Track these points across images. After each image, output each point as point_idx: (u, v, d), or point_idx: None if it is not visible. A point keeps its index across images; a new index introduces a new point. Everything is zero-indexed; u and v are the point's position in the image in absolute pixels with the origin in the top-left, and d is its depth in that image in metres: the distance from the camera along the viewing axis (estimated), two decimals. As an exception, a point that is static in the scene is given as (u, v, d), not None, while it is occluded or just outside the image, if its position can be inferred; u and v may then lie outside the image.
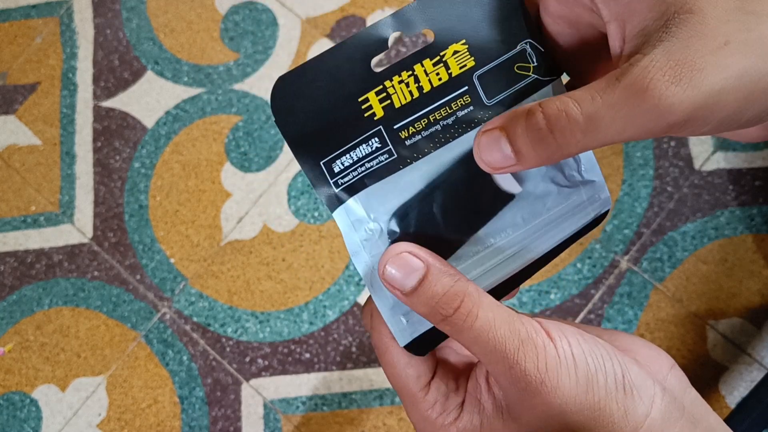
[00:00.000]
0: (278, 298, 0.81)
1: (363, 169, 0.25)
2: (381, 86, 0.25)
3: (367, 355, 0.79)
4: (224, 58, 0.89)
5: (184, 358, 0.81)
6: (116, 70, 0.90)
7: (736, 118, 0.21)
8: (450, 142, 0.25)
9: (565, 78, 0.27)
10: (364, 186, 0.25)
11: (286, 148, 0.85)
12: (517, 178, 0.26)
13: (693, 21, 0.20)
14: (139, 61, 0.90)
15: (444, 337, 0.25)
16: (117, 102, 0.89)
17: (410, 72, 0.25)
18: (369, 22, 0.88)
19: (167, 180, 0.86)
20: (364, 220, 0.25)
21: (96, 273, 0.84)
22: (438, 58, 0.25)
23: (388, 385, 0.78)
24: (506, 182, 0.26)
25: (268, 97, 0.87)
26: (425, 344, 0.25)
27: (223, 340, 0.81)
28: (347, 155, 0.25)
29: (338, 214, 0.25)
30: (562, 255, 0.79)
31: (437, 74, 0.25)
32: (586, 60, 0.26)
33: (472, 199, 0.25)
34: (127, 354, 0.82)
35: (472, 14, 0.25)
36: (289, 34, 0.89)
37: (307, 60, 0.24)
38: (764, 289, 0.76)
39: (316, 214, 0.83)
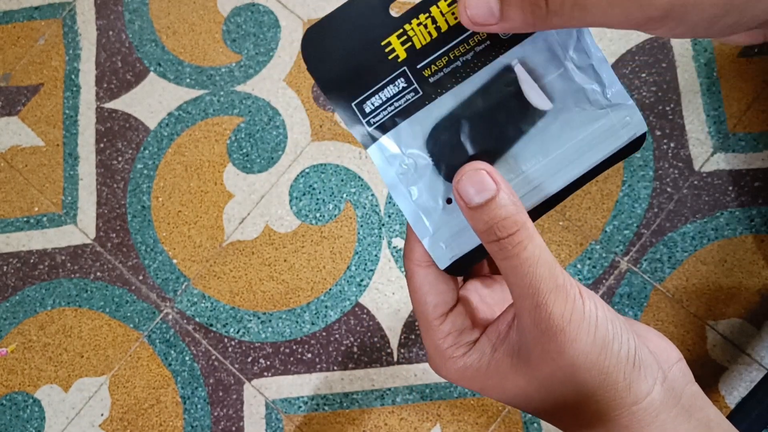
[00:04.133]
0: (280, 298, 0.82)
1: (392, 108, 0.27)
2: (401, 30, 0.26)
3: (368, 355, 0.79)
4: (226, 59, 0.89)
5: (187, 358, 0.81)
6: (119, 72, 0.90)
7: (710, 24, 0.22)
8: (471, 75, 0.26)
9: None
10: (395, 124, 0.27)
11: (288, 149, 0.85)
12: (547, 95, 0.27)
13: None
14: (142, 63, 0.90)
15: (477, 260, 0.27)
16: (120, 103, 0.89)
17: (427, 14, 0.26)
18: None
19: (170, 181, 0.86)
20: (398, 156, 0.27)
21: (99, 273, 0.84)
22: None
23: (389, 385, 0.79)
24: (537, 97, 0.27)
25: (270, 98, 0.87)
26: (463, 266, 0.27)
27: (226, 340, 0.81)
28: (376, 96, 0.26)
29: (372, 151, 0.27)
30: (562, 255, 0.79)
31: (453, 14, 0.26)
32: None
33: (497, 124, 0.27)
34: (130, 354, 0.82)
35: None
36: (291, 35, 0.89)
37: (330, 12, 0.26)
38: (764, 290, 0.77)
39: (317, 215, 0.83)
